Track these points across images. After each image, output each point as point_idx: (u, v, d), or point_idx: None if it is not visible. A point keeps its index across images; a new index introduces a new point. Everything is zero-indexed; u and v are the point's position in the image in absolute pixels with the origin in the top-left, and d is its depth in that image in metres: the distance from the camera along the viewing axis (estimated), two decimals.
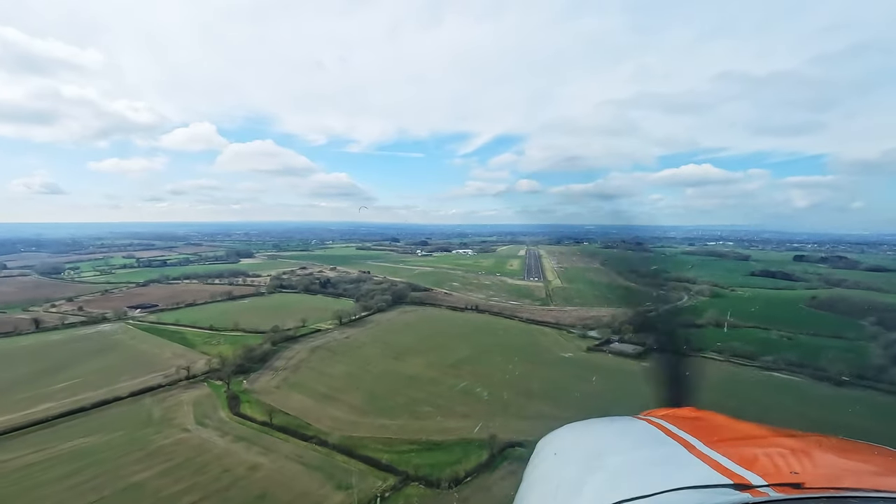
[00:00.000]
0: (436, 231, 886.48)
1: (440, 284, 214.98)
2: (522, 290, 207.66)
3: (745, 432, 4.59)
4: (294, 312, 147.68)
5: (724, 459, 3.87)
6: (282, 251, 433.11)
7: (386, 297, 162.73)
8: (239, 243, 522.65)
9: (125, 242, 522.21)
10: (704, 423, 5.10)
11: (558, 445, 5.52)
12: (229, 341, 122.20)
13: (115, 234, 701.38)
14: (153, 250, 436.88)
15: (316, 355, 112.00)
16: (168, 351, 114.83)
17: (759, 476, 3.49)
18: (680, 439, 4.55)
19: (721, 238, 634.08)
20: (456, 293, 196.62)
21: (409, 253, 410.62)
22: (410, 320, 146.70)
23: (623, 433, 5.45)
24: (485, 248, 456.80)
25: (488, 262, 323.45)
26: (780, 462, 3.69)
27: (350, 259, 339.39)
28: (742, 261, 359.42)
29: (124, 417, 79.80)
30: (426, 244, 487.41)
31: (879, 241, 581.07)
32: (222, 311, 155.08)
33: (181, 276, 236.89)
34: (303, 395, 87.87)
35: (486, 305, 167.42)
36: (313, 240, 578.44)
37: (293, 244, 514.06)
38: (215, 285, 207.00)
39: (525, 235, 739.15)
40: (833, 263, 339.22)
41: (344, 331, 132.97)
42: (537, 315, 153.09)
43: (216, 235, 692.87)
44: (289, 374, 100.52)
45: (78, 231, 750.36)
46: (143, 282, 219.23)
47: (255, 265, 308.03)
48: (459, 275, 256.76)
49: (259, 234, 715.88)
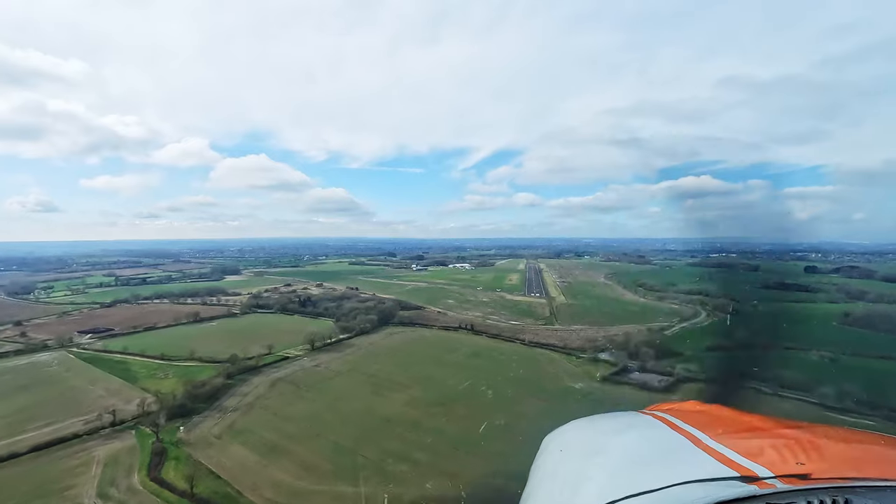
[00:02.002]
0: (434, 245, 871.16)
1: (433, 302, 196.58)
2: (523, 307, 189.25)
3: (750, 424, 4.61)
4: (263, 336, 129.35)
5: (730, 452, 3.89)
6: (272, 267, 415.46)
7: (370, 316, 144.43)
8: (230, 260, 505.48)
9: (112, 260, 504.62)
10: (709, 417, 5.09)
11: (564, 441, 5.50)
12: (179, 373, 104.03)
13: (107, 251, 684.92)
14: (139, 268, 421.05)
15: (276, 390, 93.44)
16: (102, 387, 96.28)
17: (766, 468, 3.53)
18: (685, 433, 4.53)
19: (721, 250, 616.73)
20: (450, 311, 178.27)
21: (404, 268, 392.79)
22: (396, 344, 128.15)
23: (628, 428, 5.41)
24: (483, 263, 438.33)
25: (486, 277, 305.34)
26: (787, 453, 3.70)
27: (340, 275, 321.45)
28: (752, 272, 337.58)
29: (8, 485, 61.15)
30: (422, 258, 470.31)
31: (882, 250, 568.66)
32: (183, 336, 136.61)
33: (153, 295, 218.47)
34: (246, 449, 69.22)
35: (483, 325, 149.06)
36: (306, 255, 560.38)
37: (285, 260, 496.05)
38: (186, 305, 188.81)
39: (524, 249, 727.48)
40: (846, 274, 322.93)
41: (316, 358, 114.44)
42: (541, 336, 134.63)
43: (208, 252, 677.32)
44: (238, 416, 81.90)
45: (72, 249, 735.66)
46: (109, 302, 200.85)
47: (239, 282, 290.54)
48: (455, 291, 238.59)
49: (253, 251, 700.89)
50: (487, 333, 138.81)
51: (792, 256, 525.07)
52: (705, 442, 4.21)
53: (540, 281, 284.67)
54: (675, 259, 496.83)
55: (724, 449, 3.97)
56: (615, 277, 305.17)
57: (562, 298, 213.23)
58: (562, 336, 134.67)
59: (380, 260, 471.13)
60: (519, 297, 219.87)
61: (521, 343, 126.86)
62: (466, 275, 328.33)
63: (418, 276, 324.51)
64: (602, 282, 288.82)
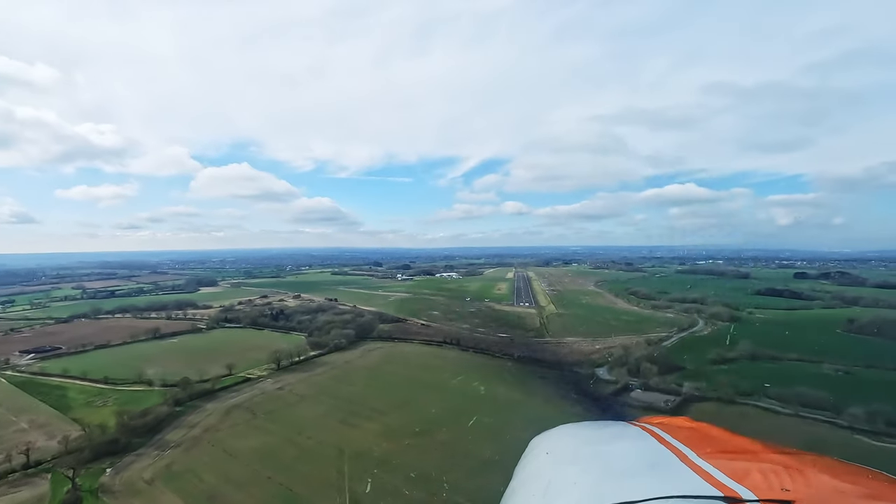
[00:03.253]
0: (422, 254, 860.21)
1: (417, 314, 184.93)
2: (512, 317, 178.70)
3: (739, 446, 4.56)
4: (226, 354, 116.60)
5: (715, 471, 3.91)
6: (252, 278, 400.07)
7: (346, 331, 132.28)
8: (211, 271, 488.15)
9: (86, 272, 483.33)
10: (699, 434, 5.04)
11: (551, 445, 5.57)
12: (124, 399, 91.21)
13: (84, 263, 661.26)
14: (112, 280, 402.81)
15: (230, 419, 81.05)
16: (26, 418, 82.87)
17: (750, 490, 3.54)
18: (673, 448, 4.55)
19: (707, 257, 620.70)
20: (435, 323, 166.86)
21: (389, 277, 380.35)
22: (373, 362, 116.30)
23: (617, 437, 5.41)
24: (471, 272, 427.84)
25: (474, 286, 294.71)
26: (773, 478, 3.70)
27: (320, 285, 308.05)
28: (742, 279, 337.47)
29: None
30: (408, 268, 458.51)
31: (863, 257, 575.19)
32: (137, 355, 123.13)
33: (117, 308, 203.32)
34: (179, 498, 56.97)
35: (470, 339, 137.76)
36: (289, 266, 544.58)
37: (267, 271, 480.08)
38: (150, 320, 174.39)
39: (513, 257, 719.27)
40: (836, 280, 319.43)
41: (281, 379, 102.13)
42: (531, 350, 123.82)
43: (189, 263, 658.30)
44: (179, 453, 69.44)
45: (47, 261, 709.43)
46: (66, 317, 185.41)
47: (214, 294, 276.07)
48: (441, 301, 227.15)
49: (236, 261, 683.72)
50: (475, 348, 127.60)
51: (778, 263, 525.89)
52: (692, 459, 4.20)
53: (529, 290, 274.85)
54: (663, 266, 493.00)
55: (710, 468, 3.95)
56: (605, 285, 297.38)
57: (552, 308, 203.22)
58: (554, 350, 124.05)
59: (364, 270, 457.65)
60: (508, 307, 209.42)
61: (511, 359, 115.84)
62: (453, 284, 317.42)
63: (403, 286, 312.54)
64: (592, 290, 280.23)
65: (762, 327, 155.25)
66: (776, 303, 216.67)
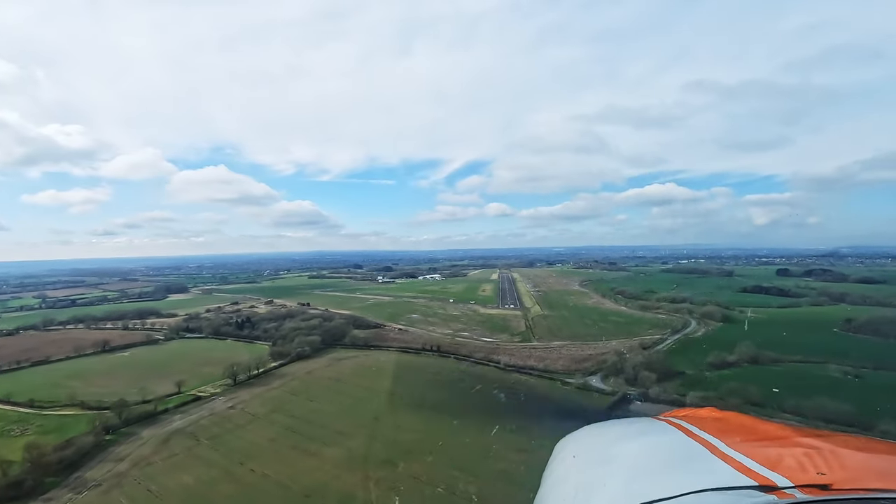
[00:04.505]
0: (405, 257, 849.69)
1: (395, 318, 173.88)
2: (497, 321, 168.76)
3: (768, 433, 4.44)
4: (179, 369, 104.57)
5: (747, 460, 3.80)
6: (227, 283, 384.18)
7: (312, 337, 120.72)
8: (185, 277, 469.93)
9: (52, 280, 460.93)
10: (726, 424, 4.90)
11: (577, 447, 5.39)
12: (49, 426, 78.72)
13: (55, 271, 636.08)
14: (80, 287, 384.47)
15: (168, 448, 69.11)
16: None
17: (785, 477, 3.44)
18: (702, 440, 4.43)
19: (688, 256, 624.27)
20: (414, 328, 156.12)
21: (369, 280, 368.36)
22: (341, 373, 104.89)
23: (643, 434, 5.26)
24: (455, 273, 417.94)
25: (458, 288, 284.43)
26: (807, 463, 3.58)
27: (296, 290, 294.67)
28: (726, 277, 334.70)
29: None
30: (391, 270, 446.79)
31: (838, 254, 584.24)
32: (77, 372, 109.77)
33: (71, 319, 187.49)
34: None
35: (451, 345, 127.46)
36: (266, 270, 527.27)
37: (243, 276, 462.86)
38: (104, 331, 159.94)
39: (497, 259, 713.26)
40: (819, 276, 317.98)
41: (235, 395, 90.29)
42: (518, 356, 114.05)
43: (164, 269, 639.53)
44: (97, 496, 57.47)
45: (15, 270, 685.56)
46: (11, 329, 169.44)
47: (182, 302, 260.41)
48: (422, 304, 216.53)
49: (214, 267, 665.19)
50: (456, 355, 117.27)
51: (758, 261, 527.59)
52: (722, 450, 4.05)
53: (514, 291, 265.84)
54: (646, 265, 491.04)
55: (741, 457, 3.82)
56: (591, 285, 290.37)
57: (538, 309, 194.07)
58: (542, 356, 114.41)
59: (343, 272, 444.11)
60: (492, 309, 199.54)
61: (497, 367, 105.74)
62: (436, 286, 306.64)
63: (384, 288, 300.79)
64: (578, 290, 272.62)
65: (758, 328, 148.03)
66: (764, 300, 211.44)
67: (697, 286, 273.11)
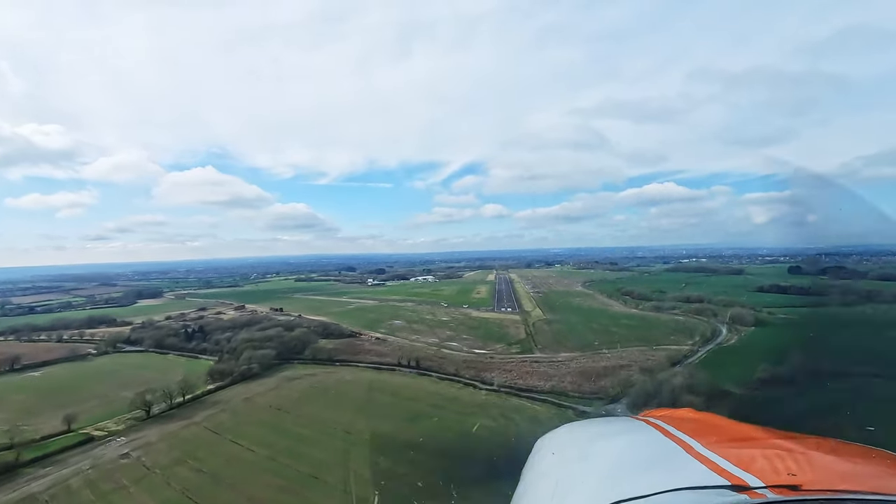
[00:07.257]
0: (402, 259, 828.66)
1: (375, 325, 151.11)
2: (492, 326, 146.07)
3: (743, 434, 4.55)
4: (88, 395, 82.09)
5: (721, 460, 3.88)
6: (210, 287, 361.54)
7: (265, 352, 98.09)
8: (169, 281, 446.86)
9: (26, 286, 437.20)
10: (703, 425, 5.02)
11: (557, 444, 5.44)
12: None
13: (38, 277, 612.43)
14: (51, 293, 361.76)
15: None
16: None
17: (757, 477, 3.52)
18: (678, 440, 4.52)
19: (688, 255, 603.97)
20: (395, 336, 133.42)
21: (358, 283, 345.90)
22: (287, 399, 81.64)
23: (621, 433, 5.38)
24: (450, 274, 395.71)
25: (450, 290, 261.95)
26: (778, 463, 3.68)
27: (276, 294, 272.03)
28: (736, 275, 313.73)
29: None
30: (383, 272, 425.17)
31: (839, 252, 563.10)
32: None
33: (7, 329, 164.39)
34: None
35: (434, 358, 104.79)
36: (254, 274, 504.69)
37: (228, 280, 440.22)
38: (32, 343, 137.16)
39: (494, 260, 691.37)
40: (836, 274, 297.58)
41: (140, 435, 67.38)
42: (517, 373, 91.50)
43: (150, 274, 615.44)
44: None
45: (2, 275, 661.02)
46: None
47: (148, 308, 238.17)
48: (409, 308, 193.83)
49: (204, 271, 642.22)
50: (439, 373, 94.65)
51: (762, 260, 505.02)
52: (697, 450, 4.14)
53: (512, 293, 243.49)
54: (647, 265, 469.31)
55: (715, 457, 3.90)
56: (594, 285, 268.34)
57: (538, 313, 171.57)
58: (546, 372, 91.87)
59: (332, 275, 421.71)
60: (487, 313, 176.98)
61: (489, 390, 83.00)
62: (428, 288, 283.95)
63: (371, 291, 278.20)
64: (581, 290, 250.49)
65: (797, 331, 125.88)
66: (786, 300, 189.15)
67: (708, 285, 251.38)
